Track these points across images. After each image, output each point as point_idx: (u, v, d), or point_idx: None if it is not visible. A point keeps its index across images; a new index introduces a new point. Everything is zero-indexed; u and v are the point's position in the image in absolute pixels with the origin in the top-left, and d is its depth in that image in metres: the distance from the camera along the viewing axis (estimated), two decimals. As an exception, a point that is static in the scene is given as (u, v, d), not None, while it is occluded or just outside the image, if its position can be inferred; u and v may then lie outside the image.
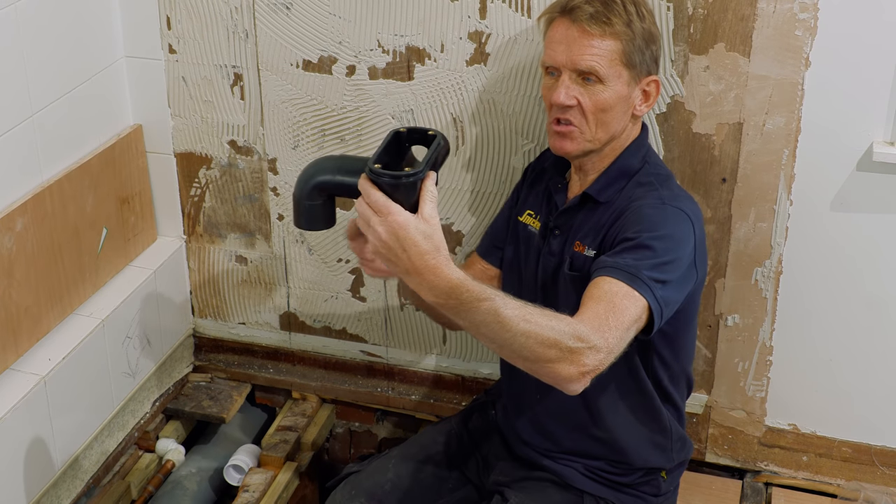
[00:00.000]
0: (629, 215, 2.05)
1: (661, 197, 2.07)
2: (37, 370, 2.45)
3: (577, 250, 2.13)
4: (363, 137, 2.65)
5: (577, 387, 1.79)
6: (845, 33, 2.26)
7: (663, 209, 2.04)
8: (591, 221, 2.13)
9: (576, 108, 2.05)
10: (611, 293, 1.88)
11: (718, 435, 2.70)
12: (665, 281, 1.94)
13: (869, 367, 2.55)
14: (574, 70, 2.04)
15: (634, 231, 2.00)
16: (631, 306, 1.88)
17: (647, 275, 1.91)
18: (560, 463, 2.27)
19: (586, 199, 2.14)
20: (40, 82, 2.44)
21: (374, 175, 1.63)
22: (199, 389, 3.01)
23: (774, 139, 2.38)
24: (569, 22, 2.04)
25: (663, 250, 1.97)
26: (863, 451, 2.63)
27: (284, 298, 2.92)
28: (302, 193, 1.80)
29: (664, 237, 1.99)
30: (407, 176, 1.62)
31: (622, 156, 2.14)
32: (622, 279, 1.90)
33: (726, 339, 2.59)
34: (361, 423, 3.06)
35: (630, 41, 2.03)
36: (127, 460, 2.81)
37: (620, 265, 1.92)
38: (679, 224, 2.03)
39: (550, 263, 2.18)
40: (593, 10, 2.01)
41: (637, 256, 1.95)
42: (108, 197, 2.70)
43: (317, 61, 2.60)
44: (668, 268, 1.96)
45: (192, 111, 2.76)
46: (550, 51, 2.07)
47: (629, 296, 1.89)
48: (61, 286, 2.57)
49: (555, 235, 2.18)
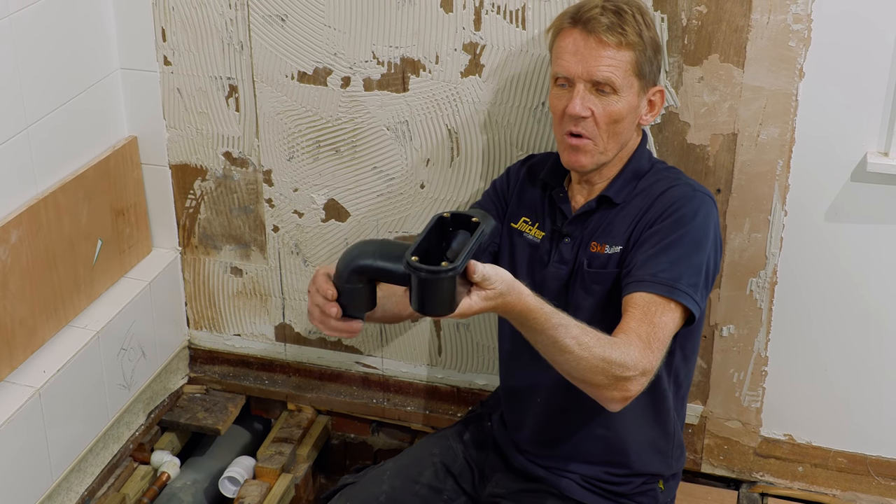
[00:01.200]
0: (662, 201, 2.11)
1: (690, 183, 2.15)
2: (31, 382, 2.44)
3: (594, 251, 2.15)
4: (358, 149, 2.66)
5: (618, 407, 1.94)
6: (839, 44, 2.27)
7: (694, 196, 2.10)
8: (607, 222, 2.16)
9: (589, 118, 2.06)
10: (650, 312, 1.97)
11: (714, 445, 2.70)
12: (701, 279, 2.03)
13: (864, 377, 2.55)
14: (589, 81, 2.05)
15: (668, 221, 2.06)
16: (671, 320, 1.98)
17: (686, 282, 2.00)
18: (557, 474, 2.27)
19: (603, 201, 2.17)
20: (35, 94, 2.44)
21: (411, 269, 1.63)
22: (195, 401, 3.00)
23: (769, 150, 2.38)
24: (583, 33, 2.05)
25: (695, 245, 2.04)
26: (858, 462, 2.63)
27: (279, 310, 2.92)
28: (342, 276, 1.78)
29: (697, 229, 2.05)
30: (445, 271, 1.62)
31: (632, 159, 2.18)
32: (661, 293, 1.99)
33: (721, 350, 2.60)
34: (357, 434, 3.05)
35: (642, 51, 2.05)
36: (122, 472, 2.81)
37: (659, 278, 2.00)
38: (709, 212, 2.09)
39: (563, 272, 2.19)
40: (608, 20, 2.03)
41: (672, 259, 2.02)
42: (103, 208, 2.70)
43: (312, 73, 2.61)
44: (701, 263, 2.04)
45: (187, 123, 2.76)
46: (564, 62, 2.07)
47: (668, 309, 1.98)
48: (56, 298, 2.57)
49: (565, 243, 2.19)
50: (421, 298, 1.64)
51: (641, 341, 1.92)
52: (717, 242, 2.12)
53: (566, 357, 1.83)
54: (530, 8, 2.39)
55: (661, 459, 2.27)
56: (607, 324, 1.99)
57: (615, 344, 1.87)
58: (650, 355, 1.92)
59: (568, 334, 1.80)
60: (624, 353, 1.87)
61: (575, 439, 2.24)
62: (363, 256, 1.76)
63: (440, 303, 1.65)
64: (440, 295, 1.64)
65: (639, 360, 1.88)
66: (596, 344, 1.83)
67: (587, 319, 2.11)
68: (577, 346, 1.81)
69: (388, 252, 1.74)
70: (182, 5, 2.62)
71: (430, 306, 1.65)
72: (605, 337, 1.87)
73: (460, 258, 1.63)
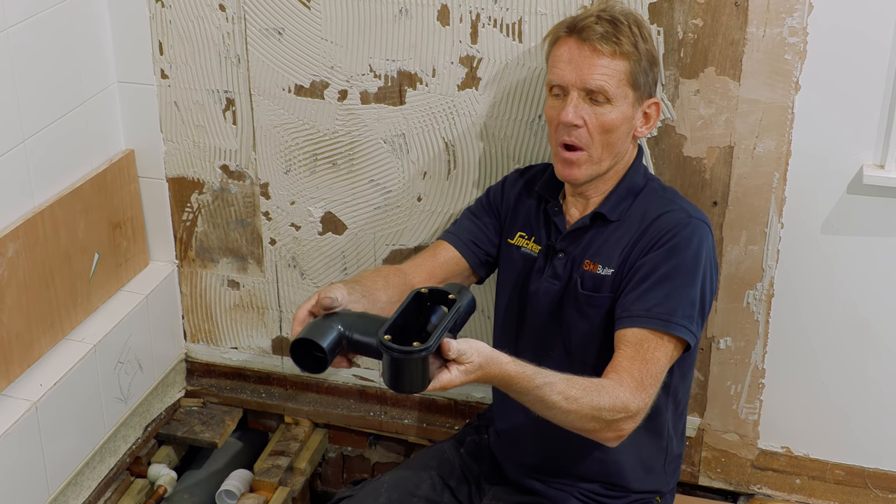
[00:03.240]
0: (657, 227, 2.09)
1: (686, 209, 2.12)
2: (28, 396, 2.44)
3: (587, 269, 2.14)
4: (355, 162, 2.66)
5: (615, 444, 1.96)
6: (835, 57, 2.27)
7: (688, 223, 2.08)
8: (601, 240, 2.15)
9: (582, 128, 2.06)
10: (643, 349, 1.97)
11: (711, 458, 2.70)
12: (696, 310, 2.03)
13: (861, 390, 2.55)
14: (583, 89, 2.05)
15: (662, 251, 2.05)
16: (664, 355, 1.99)
17: (681, 314, 2.00)
18: (554, 487, 2.26)
19: (597, 218, 2.16)
20: (32, 107, 2.44)
21: (383, 347, 1.64)
22: (191, 414, 3.00)
23: (765, 162, 2.39)
24: (578, 41, 2.05)
25: (690, 276, 2.04)
26: (856, 474, 2.63)
27: (277, 323, 2.92)
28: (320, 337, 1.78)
29: (691, 260, 2.04)
30: (417, 352, 1.63)
31: (627, 175, 2.16)
32: (656, 327, 1.99)
33: (718, 362, 2.60)
34: (354, 447, 3.05)
35: (637, 62, 2.05)
36: (119, 486, 2.80)
37: (653, 313, 2.00)
38: (703, 239, 2.08)
39: (556, 287, 2.18)
40: (603, 30, 2.03)
41: (666, 292, 2.01)
42: (100, 222, 2.70)
43: (309, 86, 2.61)
44: (696, 294, 2.04)
45: (185, 136, 2.76)
46: (558, 70, 2.08)
47: (662, 343, 1.99)
48: (53, 311, 2.57)
49: (559, 258, 2.19)
50: (393, 376, 1.66)
51: (633, 380, 1.93)
52: (713, 269, 2.11)
53: (555, 412, 1.85)
54: (527, 21, 2.40)
55: (658, 476, 2.26)
56: (605, 349, 2.02)
57: (604, 389, 1.88)
58: (642, 394, 1.92)
59: (553, 391, 1.81)
60: (614, 398, 1.88)
61: (570, 457, 2.24)
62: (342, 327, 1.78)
63: (412, 381, 1.66)
64: (412, 373, 1.65)
65: (629, 402, 1.89)
66: (584, 395, 1.84)
67: (583, 344, 2.12)
68: (564, 400, 1.82)
69: (365, 326, 1.77)
70: (179, 19, 2.63)
71: (402, 384, 1.67)
72: (592, 384, 1.87)
73: (433, 338, 1.65)
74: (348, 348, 1.79)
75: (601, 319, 2.13)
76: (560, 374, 1.84)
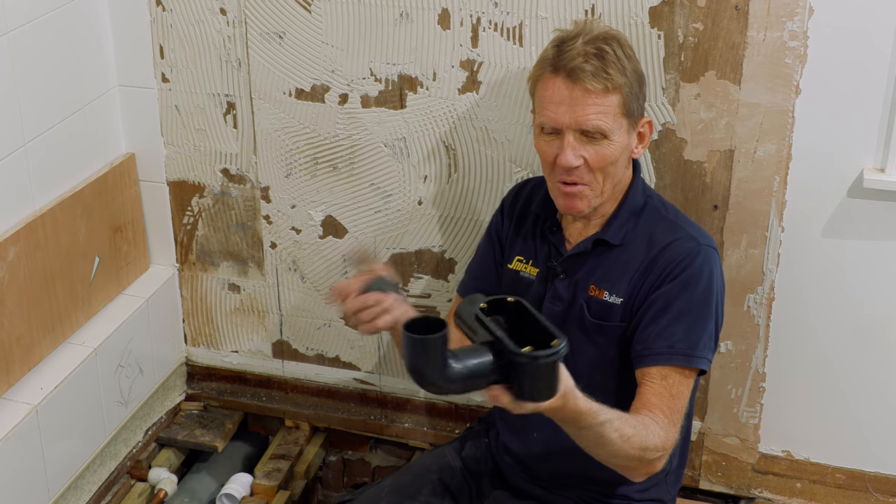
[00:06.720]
0: (666, 258, 2.06)
1: (694, 235, 2.09)
2: (29, 399, 2.44)
3: (593, 295, 2.11)
4: (356, 166, 2.66)
5: (641, 480, 1.99)
6: (835, 60, 2.27)
7: (699, 252, 2.06)
8: (606, 265, 2.11)
9: (582, 165, 2.01)
10: (669, 384, 2.00)
11: (712, 462, 2.70)
12: (714, 340, 2.07)
13: (862, 393, 2.55)
14: (578, 130, 1.99)
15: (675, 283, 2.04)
16: (687, 387, 2.03)
17: (703, 346, 2.03)
18: (555, 493, 2.26)
19: (599, 243, 2.12)
20: (33, 111, 2.45)
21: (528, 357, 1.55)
22: (192, 418, 3.00)
23: (765, 166, 2.39)
24: (567, 82, 1.97)
25: (706, 307, 2.05)
26: (857, 478, 2.63)
27: (277, 326, 2.92)
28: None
29: (705, 291, 2.05)
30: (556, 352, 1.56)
31: (627, 197, 2.12)
32: (680, 363, 2.01)
33: (719, 366, 2.59)
34: (355, 451, 3.05)
35: (629, 90, 1.99)
36: (119, 489, 2.80)
37: (676, 349, 2.01)
38: (713, 267, 2.07)
39: (558, 308, 2.15)
40: (592, 67, 1.95)
41: (686, 327, 2.02)
42: (100, 225, 2.70)
43: (309, 90, 2.61)
44: (712, 325, 2.06)
45: (185, 140, 2.76)
46: (550, 112, 2.00)
47: (685, 377, 2.02)
48: (53, 315, 2.57)
49: (560, 279, 2.16)
50: (535, 386, 1.58)
51: (666, 418, 1.95)
52: (722, 293, 2.12)
53: (607, 448, 1.85)
54: (527, 25, 2.40)
55: (660, 487, 2.26)
56: (612, 377, 2.04)
57: (648, 428, 1.90)
58: (673, 431, 1.96)
59: (612, 428, 1.81)
60: (656, 437, 1.90)
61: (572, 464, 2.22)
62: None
63: (551, 385, 1.60)
64: (551, 377, 1.59)
65: (666, 441, 1.93)
66: (634, 434, 1.86)
67: (591, 371, 2.12)
68: (619, 438, 1.83)
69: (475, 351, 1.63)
70: (180, 23, 2.63)
71: (539, 392, 1.59)
72: (641, 423, 1.90)
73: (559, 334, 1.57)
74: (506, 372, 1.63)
75: (610, 347, 2.11)
76: (615, 411, 1.83)
